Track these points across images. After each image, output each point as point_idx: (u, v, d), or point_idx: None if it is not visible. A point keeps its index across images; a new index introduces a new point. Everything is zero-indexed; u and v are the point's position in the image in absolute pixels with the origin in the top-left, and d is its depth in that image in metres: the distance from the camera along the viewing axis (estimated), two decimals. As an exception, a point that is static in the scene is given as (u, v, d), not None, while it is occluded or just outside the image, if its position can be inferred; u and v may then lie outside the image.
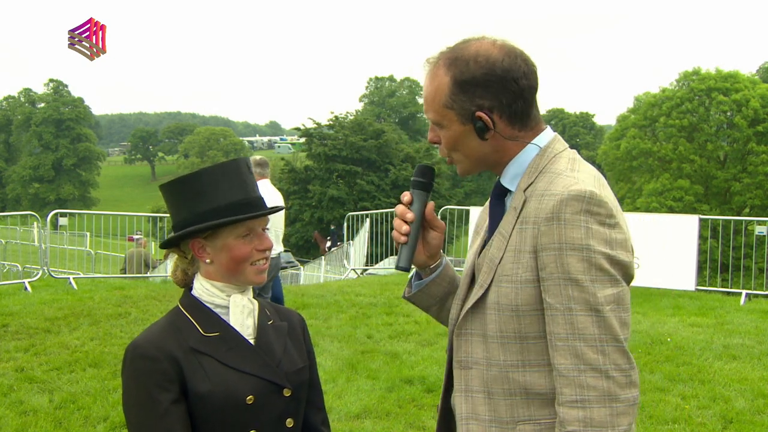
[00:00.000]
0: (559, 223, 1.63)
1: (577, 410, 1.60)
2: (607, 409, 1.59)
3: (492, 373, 1.75)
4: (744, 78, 38.88)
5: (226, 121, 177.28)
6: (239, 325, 1.87)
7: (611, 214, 1.65)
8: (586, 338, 1.61)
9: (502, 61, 1.71)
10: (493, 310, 1.74)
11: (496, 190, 1.85)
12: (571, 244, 1.62)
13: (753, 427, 5.01)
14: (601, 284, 1.61)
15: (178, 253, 1.93)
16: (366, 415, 5.29)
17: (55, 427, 5.05)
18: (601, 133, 78.66)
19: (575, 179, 1.68)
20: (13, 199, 75.04)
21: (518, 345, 1.72)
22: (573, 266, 1.61)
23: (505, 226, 1.77)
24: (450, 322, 1.90)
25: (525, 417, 1.73)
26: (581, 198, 1.63)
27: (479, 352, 1.78)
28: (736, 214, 34.51)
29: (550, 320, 1.65)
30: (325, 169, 43.92)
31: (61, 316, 7.58)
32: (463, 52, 1.73)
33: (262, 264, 1.89)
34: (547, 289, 1.65)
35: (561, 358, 1.63)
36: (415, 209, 1.84)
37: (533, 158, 1.78)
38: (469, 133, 1.75)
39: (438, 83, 1.74)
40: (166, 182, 1.91)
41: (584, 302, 1.61)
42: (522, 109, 1.74)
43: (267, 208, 1.90)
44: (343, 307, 8.59)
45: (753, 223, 11.61)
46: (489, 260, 1.77)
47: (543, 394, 1.71)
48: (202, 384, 1.77)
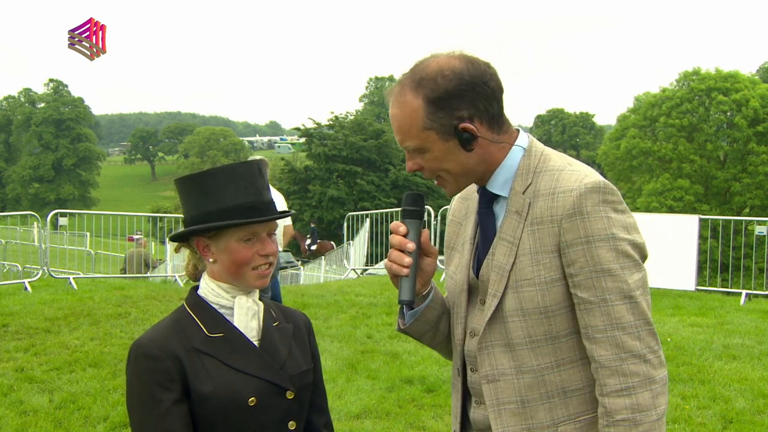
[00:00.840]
0: (583, 217, 1.65)
1: (623, 398, 1.64)
2: (649, 392, 1.65)
3: (525, 380, 1.74)
4: (744, 78, 38.91)
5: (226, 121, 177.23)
6: (243, 327, 1.86)
7: (621, 200, 1.69)
8: (624, 327, 1.64)
9: (468, 69, 1.70)
10: (516, 317, 1.72)
11: (484, 198, 1.82)
12: (598, 236, 1.64)
13: (753, 427, 5.01)
14: (629, 270, 1.65)
15: (189, 248, 1.93)
16: (366, 415, 5.29)
17: (55, 427, 5.05)
18: (601, 133, 78.71)
19: (582, 172, 1.71)
20: (13, 199, 75.01)
21: (550, 346, 1.72)
22: (603, 257, 1.64)
23: (508, 231, 1.74)
24: (456, 340, 1.87)
25: (565, 417, 1.73)
26: (597, 189, 1.66)
27: (505, 363, 1.75)
28: (736, 214, 34.51)
29: (585, 314, 1.67)
30: (325, 169, 43.95)
31: (61, 316, 7.58)
32: (425, 72, 1.71)
33: (265, 269, 1.86)
34: (578, 284, 1.67)
35: (601, 350, 1.66)
36: (413, 239, 1.78)
37: (520, 160, 1.77)
38: (454, 149, 1.72)
39: (410, 109, 1.70)
40: (180, 177, 1.91)
41: (618, 291, 1.64)
42: (497, 111, 1.75)
43: (275, 213, 1.87)
44: (343, 307, 8.59)
45: (753, 223, 11.61)
46: (497, 268, 1.74)
47: (580, 389, 1.73)
48: (204, 384, 1.77)
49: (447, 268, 1.95)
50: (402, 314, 1.91)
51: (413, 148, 1.74)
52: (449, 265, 1.93)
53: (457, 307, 1.86)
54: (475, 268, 1.84)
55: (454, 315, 1.88)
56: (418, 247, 1.80)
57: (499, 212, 1.80)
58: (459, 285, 1.86)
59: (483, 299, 1.80)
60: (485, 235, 1.82)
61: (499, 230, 1.77)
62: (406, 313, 1.90)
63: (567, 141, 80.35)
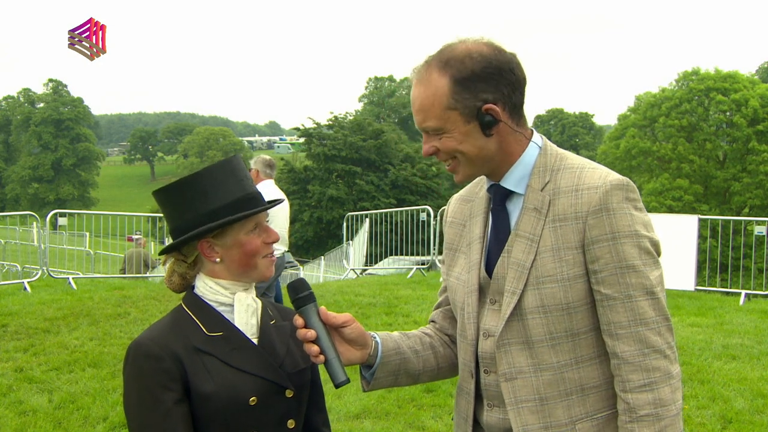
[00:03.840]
0: (609, 214, 1.67)
1: (646, 393, 1.65)
2: (669, 387, 1.66)
3: (544, 378, 1.73)
4: (743, 78, 38.94)
5: (225, 121, 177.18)
6: (243, 324, 1.86)
7: (639, 198, 1.72)
8: (647, 322, 1.67)
9: (495, 55, 1.71)
10: (536, 314, 1.71)
11: (498, 195, 1.81)
12: (623, 232, 1.66)
13: (752, 427, 5.01)
14: (650, 267, 1.68)
15: (178, 258, 1.89)
16: (365, 415, 5.29)
17: (55, 427, 5.05)
18: (601, 133, 78.74)
19: (605, 170, 1.74)
20: (13, 199, 74.98)
21: (570, 343, 1.72)
22: (628, 253, 1.66)
23: (526, 228, 1.74)
24: (468, 343, 1.84)
25: (582, 415, 1.73)
26: (621, 186, 1.69)
27: (522, 361, 1.74)
28: (736, 213, 34.53)
29: (608, 310, 1.68)
30: (324, 169, 43.92)
31: (60, 316, 7.58)
32: (453, 53, 1.72)
33: (272, 256, 1.90)
34: (602, 280, 1.67)
35: (625, 345, 1.67)
36: (314, 324, 1.76)
37: (537, 158, 1.78)
38: (474, 131, 1.72)
39: (435, 88, 1.70)
40: (164, 187, 1.87)
41: (641, 287, 1.67)
42: (519, 101, 1.76)
43: (267, 202, 1.90)
44: (342, 307, 8.59)
45: (752, 223, 11.60)
46: (516, 266, 1.73)
47: (598, 386, 1.74)
48: (205, 384, 1.76)
49: (450, 270, 1.92)
50: (362, 375, 1.90)
51: (433, 128, 1.74)
52: (454, 267, 1.91)
53: (467, 308, 1.84)
54: (486, 268, 1.82)
55: (463, 316, 1.85)
56: (325, 328, 1.78)
57: (513, 210, 1.79)
58: (468, 285, 1.84)
59: (494, 299, 1.79)
60: (498, 233, 1.80)
61: (515, 227, 1.76)
62: (365, 374, 1.89)
63: (566, 141, 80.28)
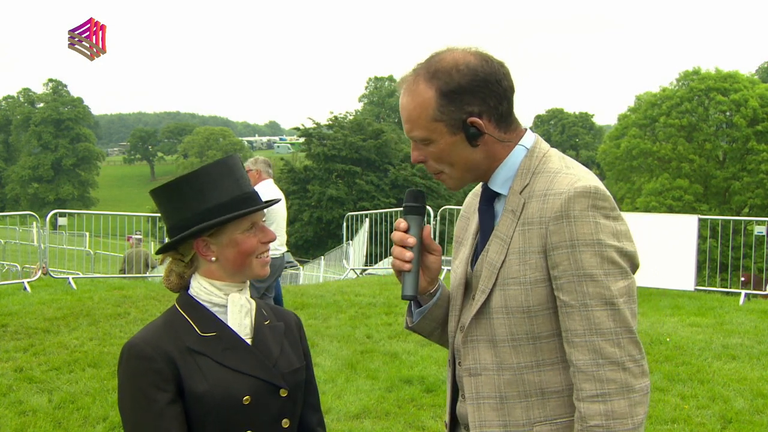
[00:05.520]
0: (569, 221, 1.65)
1: (598, 404, 1.63)
2: (626, 400, 1.63)
3: (505, 377, 1.75)
4: (743, 78, 38.94)
5: (225, 121, 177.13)
6: (237, 325, 1.87)
7: (614, 206, 1.69)
8: (603, 332, 1.63)
9: (482, 67, 1.72)
10: (500, 314, 1.74)
11: (485, 195, 1.85)
12: (583, 240, 1.64)
13: (752, 426, 5.01)
14: (613, 277, 1.64)
15: (175, 257, 1.91)
16: (365, 415, 5.29)
17: (54, 427, 5.05)
18: (601, 133, 78.74)
19: (576, 176, 1.71)
20: (12, 199, 74.98)
21: (531, 346, 1.73)
22: (587, 261, 1.64)
23: (502, 229, 1.76)
24: (449, 333, 1.89)
25: (541, 418, 1.73)
26: (587, 194, 1.66)
27: (487, 358, 1.77)
28: (736, 213, 34.53)
29: (566, 317, 1.67)
30: (324, 169, 43.94)
31: (60, 316, 7.58)
32: (441, 64, 1.73)
33: (266, 256, 1.91)
34: (560, 287, 1.67)
35: (579, 354, 1.65)
36: (414, 234, 1.80)
37: (522, 160, 1.79)
38: (460, 143, 1.74)
39: (422, 99, 1.72)
40: (161, 185, 1.88)
41: (599, 297, 1.63)
42: (506, 110, 1.76)
43: (263, 201, 1.91)
44: (342, 307, 8.59)
45: (752, 223, 11.60)
46: (489, 265, 1.76)
47: (559, 392, 1.73)
48: (199, 384, 1.77)
49: (453, 262, 1.97)
50: (410, 312, 1.92)
51: (420, 138, 1.76)
52: (455, 259, 1.96)
53: (453, 300, 1.89)
54: (472, 264, 1.86)
55: (451, 308, 1.90)
56: (420, 243, 1.81)
57: (499, 210, 1.82)
58: (458, 279, 1.88)
59: (474, 295, 1.82)
60: (484, 232, 1.84)
61: (495, 228, 1.79)
62: (414, 311, 1.91)
63: (566, 141, 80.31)
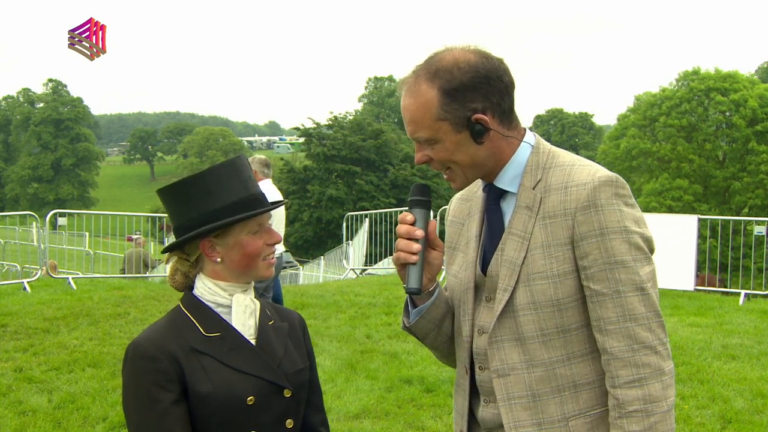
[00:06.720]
0: (597, 210, 1.68)
1: (635, 389, 1.66)
2: (660, 383, 1.67)
3: (536, 374, 1.75)
4: (743, 78, 38.91)
5: (225, 121, 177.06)
6: (241, 325, 1.87)
7: (631, 194, 1.73)
8: (636, 318, 1.67)
9: (483, 63, 1.73)
10: (527, 311, 1.73)
11: (492, 195, 1.84)
12: (612, 228, 1.67)
13: (752, 426, 5.01)
14: (641, 263, 1.68)
15: (180, 256, 1.91)
16: (365, 415, 5.29)
17: (54, 427, 5.05)
18: (600, 133, 78.73)
19: (594, 167, 1.75)
20: (12, 199, 74.92)
21: (561, 339, 1.74)
22: (617, 249, 1.67)
23: (518, 226, 1.76)
24: (464, 340, 1.87)
25: (575, 411, 1.74)
26: (610, 183, 1.70)
27: (515, 357, 1.76)
28: (735, 213, 34.52)
29: (598, 306, 1.69)
30: (324, 169, 43.96)
31: (60, 316, 7.57)
32: (441, 63, 1.73)
33: (272, 258, 1.91)
34: (591, 276, 1.69)
35: (613, 341, 1.68)
36: (421, 227, 1.79)
37: (529, 157, 1.80)
38: (465, 140, 1.74)
39: (425, 99, 1.72)
40: (169, 185, 1.88)
41: (631, 283, 1.67)
42: (509, 106, 1.77)
43: (270, 203, 1.91)
44: (342, 307, 8.59)
45: (752, 223, 11.60)
46: (508, 263, 1.76)
47: (590, 383, 1.74)
48: (203, 384, 1.77)
49: (449, 268, 1.96)
50: (407, 312, 1.91)
51: (425, 138, 1.76)
52: (452, 265, 1.94)
53: (463, 305, 1.87)
54: (481, 266, 1.84)
55: (459, 313, 1.89)
56: (426, 237, 1.81)
57: (507, 208, 1.82)
58: (464, 283, 1.86)
59: (489, 296, 1.81)
60: (492, 232, 1.83)
61: (508, 226, 1.79)
62: (411, 311, 1.89)
63: (566, 141, 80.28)
